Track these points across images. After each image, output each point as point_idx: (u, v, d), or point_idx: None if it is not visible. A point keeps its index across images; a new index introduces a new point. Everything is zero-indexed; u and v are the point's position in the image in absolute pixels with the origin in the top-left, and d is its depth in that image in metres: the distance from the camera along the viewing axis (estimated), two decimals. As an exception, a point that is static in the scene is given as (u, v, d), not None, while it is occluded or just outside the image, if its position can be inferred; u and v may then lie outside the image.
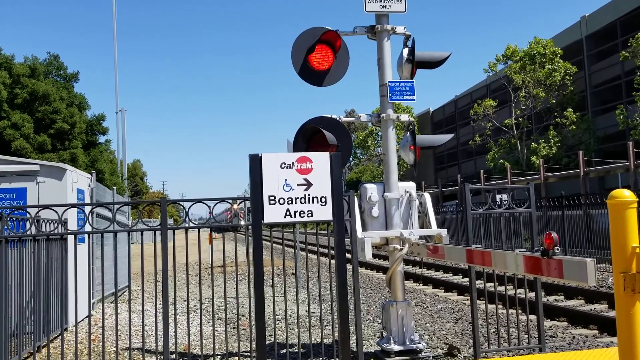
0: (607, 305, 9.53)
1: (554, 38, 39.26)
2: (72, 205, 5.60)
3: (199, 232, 5.20)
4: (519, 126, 36.87)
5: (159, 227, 4.91)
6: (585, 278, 3.13)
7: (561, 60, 35.29)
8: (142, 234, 5.04)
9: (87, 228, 6.33)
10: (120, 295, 12.77)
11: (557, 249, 3.58)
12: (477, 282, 6.31)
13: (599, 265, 15.24)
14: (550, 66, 35.06)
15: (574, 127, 34.49)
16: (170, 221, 4.99)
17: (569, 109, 34.77)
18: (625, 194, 2.88)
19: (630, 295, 2.77)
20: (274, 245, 30.48)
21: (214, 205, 4.91)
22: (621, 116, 29.02)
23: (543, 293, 8.76)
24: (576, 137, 34.50)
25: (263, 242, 4.80)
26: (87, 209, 7.91)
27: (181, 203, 5.03)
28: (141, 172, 70.24)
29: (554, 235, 3.61)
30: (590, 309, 9.29)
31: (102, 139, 31.55)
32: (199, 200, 4.91)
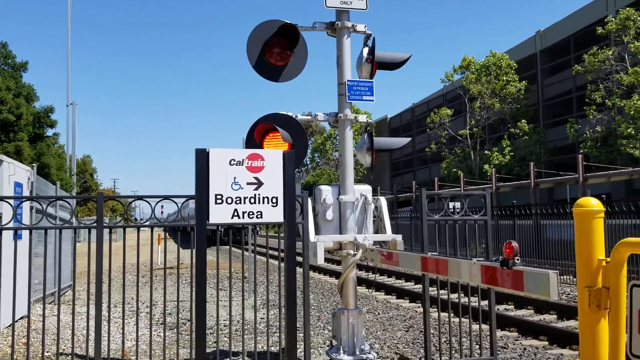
0: (556, 316, 9.58)
1: (510, 51, 40.22)
2: None
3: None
4: (474, 136, 37.52)
5: (93, 224, 4.52)
6: (548, 291, 2.95)
7: (515, 74, 36.23)
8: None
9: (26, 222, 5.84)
10: (62, 295, 12.12)
11: (517, 259, 3.40)
12: (430, 288, 6.14)
13: (547, 274, 15.49)
14: (505, 78, 35.90)
15: (526, 138, 35.34)
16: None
17: (522, 121, 35.62)
18: (592, 203, 2.71)
19: (595, 311, 2.59)
20: (241, 247, 29.89)
21: (156, 203, 4.56)
22: (572, 130, 29.86)
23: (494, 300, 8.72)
24: (528, 148, 35.34)
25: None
26: (27, 204, 7.36)
27: (120, 200, 4.65)
28: (91, 169, 68.21)
29: (515, 244, 3.43)
30: (540, 319, 9.32)
31: (50, 132, 30.33)
32: (139, 197, 4.55)
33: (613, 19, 27.84)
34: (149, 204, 4.61)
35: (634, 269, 11.83)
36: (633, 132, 25.23)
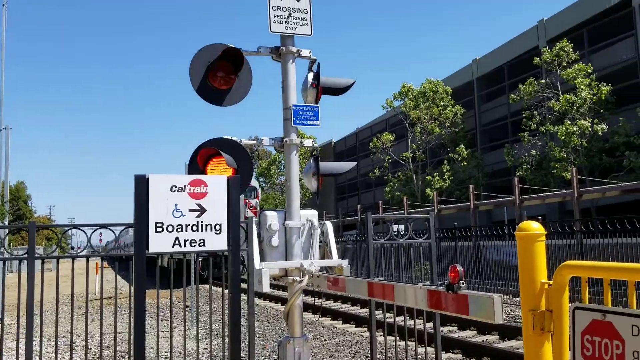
0: (498, 336, 9.76)
1: (449, 78, 41.65)
2: None
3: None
4: (415, 159, 38.38)
5: (24, 255, 4.25)
6: (493, 315, 2.97)
7: (451, 99, 37.58)
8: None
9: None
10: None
11: (462, 284, 3.41)
12: (377, 312, 6.13)
13: (488, 295, 15.84)
14: (442, 103, 37.15)
15: (465, 162, 36.45)
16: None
17: (461, 145, 36.77)
18: (533, 226, 2.77)
19: (539, 334, 2.63)
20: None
21: (92, 232, 4.34)
22: (509, 154, 31.04)
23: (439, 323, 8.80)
24: (467, 172, 36.45)
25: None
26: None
27: (53, 229, 4.41)
28: (25, 195, 65.20)
29: (460, 268, 3.45)
30: (483, 340, 9.47)
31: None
32: (74, 226, 4.32)
33: (548, 50, 29.38)
34: (85, 233, 4.39)
35: (576, 289, 12.26)
36: (565, 155, 26.46)
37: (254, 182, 23.42)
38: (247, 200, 24.23)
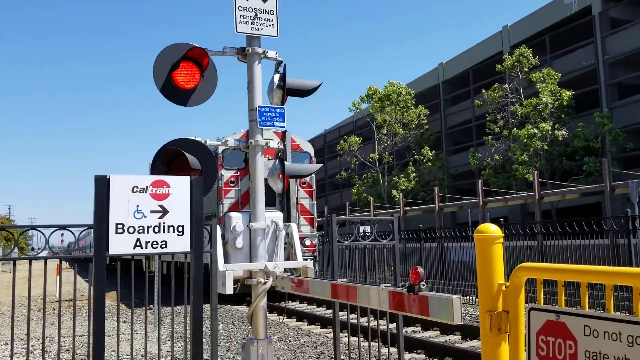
0: (460, 336, 9.92)
1: (416, 81, 42.18)
2: None
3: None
4: (382, 161, 38.72)
5: (-22, 257, 4.12)
6: (452, 316, 3.02)
7: (413, 101, 38.12)
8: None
9: None
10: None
11: (423, 285, 3.46)
12: (341, 313, 6.16)
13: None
14: (405, 105, 37.65)
15: (430, 164, 36.95)
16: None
17: (426, 148, 37.26)
18: (491, 229, 2.83)
19: (496, 335, 2.68)
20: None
21: (51, 234, 4.23)
22: (473, 157, 31.59)
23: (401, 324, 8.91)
24: (432, 174, 36.95)
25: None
26: None
27: (10, 230, 4.29)
28: (-18, 193, 63.14)
29: (420, 270, 3.50)
30: (446, 340, 9.61)
31: None
32: (32, 227, 4.21)
33: (509, 57, 30.04)
34: (43, 234, 4.28)
35: (531, 289, 12.54)
36: (527, 158, 27.07)
37: (306, 146, 18.45)
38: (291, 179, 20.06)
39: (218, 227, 5.33)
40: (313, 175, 17.09)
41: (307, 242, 16.69)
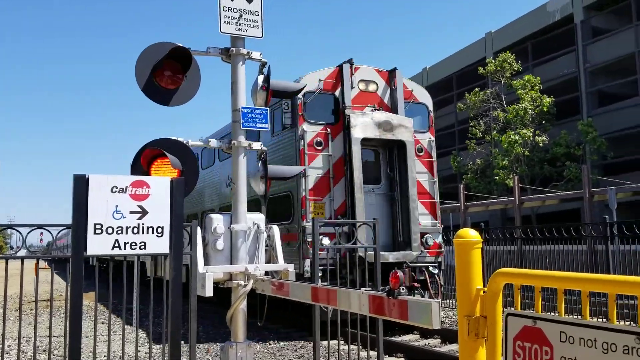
0: (440, 340, 9.97)
1: (399, 85, 42.27)
2: None
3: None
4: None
5: (-48, 256, 4.04)
6: (430, 320, 3.03)
7: None
8: None
9: None
10: None
11: (403, 289, 3.48)
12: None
13: (432, 299, 16.17)
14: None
15: (414, 168, 37.10)
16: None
17: (410, 151, 37.42)
18: (470, 234, 2.84)
19: (473, 339, 2.70)
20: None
21: (28, 233, 4.17)
22: (455, 162, 31.81)
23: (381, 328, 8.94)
24: (415, 178, 37.08)
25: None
26: None
27: (-15, 228, 4.21)
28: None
29: (400, 274, 3.51)
30: (425, 344, 9.65)
31: None
32: (9, 226, 4.15)
33: (493, 61, 30.31)
34: (20, 233, 4.21)
35: (511, 293, 12.66)
36: (507, 164, 27.34)
37: (422, 95, 12.88)
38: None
39: (199, 229, 5.30)
40: (431, 137, 12.37)
41: (430, 241, 11.41)
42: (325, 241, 9.81)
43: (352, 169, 10.74)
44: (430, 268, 11.17)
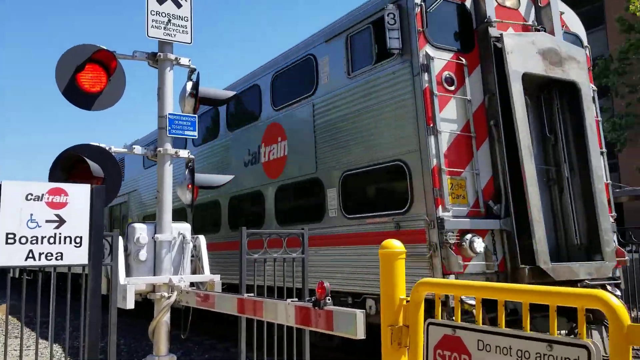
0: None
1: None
2: None
3: None
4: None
5: None
6: (355, 330, 3.06)
7: None
8: None
9: None
10: None
11: (329, 300, 3.49)
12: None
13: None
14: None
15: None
16: None
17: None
18: (395, 244, 2.91)
19: (396, 349, 2.75)
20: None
21: None
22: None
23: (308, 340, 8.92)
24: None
25: None
26: None
27: None
28: None
29: (327, 284, 3.53)
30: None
31: None
32: None
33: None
34: None
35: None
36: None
37: (574, 24, 8.24)
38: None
39: (120, 239, 5.11)
40: (593, 87, 7.91)
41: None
42: (479, 244, 6.46)
43: (513, 123, 6.75)
44: (610, 288, 7.10)
